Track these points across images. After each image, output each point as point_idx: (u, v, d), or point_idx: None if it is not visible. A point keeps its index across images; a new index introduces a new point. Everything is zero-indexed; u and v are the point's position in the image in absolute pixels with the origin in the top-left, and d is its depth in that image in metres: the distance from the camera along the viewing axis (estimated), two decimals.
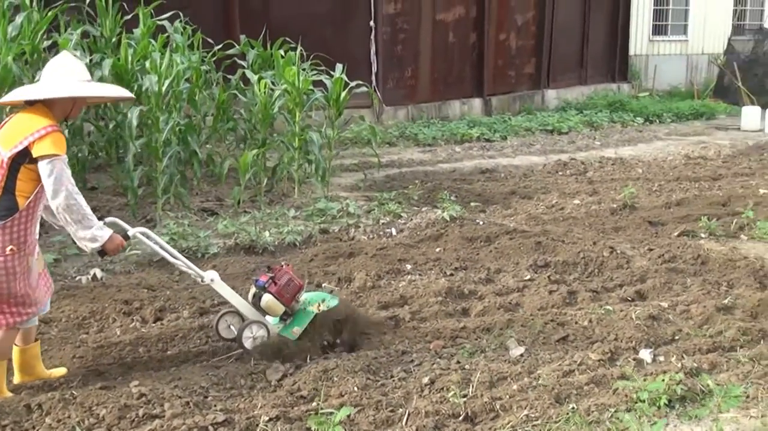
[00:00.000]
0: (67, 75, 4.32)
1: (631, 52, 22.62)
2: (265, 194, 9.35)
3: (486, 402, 4.22)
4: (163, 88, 8.34)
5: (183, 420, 3.97)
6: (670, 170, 12.11)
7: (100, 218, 4.34)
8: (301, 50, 9.72)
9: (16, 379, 4.60)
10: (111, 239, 4.25)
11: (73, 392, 4.27)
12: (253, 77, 9.46)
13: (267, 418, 4.03)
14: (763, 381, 4.53)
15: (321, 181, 9.48)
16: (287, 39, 10.65)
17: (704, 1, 24.31)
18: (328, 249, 7.33)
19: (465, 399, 4.27)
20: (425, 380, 4.52)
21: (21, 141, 4.05)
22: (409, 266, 6.83)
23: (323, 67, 10.23)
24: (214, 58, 10.34)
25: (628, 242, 7.61)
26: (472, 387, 4.42)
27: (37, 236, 4.37)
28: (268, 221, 8.12)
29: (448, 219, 8.36)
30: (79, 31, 9.27)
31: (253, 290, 5.05)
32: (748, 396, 4.30)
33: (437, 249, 7.43)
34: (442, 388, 4.42)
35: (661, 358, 4.92)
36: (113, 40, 9.72)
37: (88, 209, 4.18)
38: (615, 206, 9.25)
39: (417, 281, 6.49)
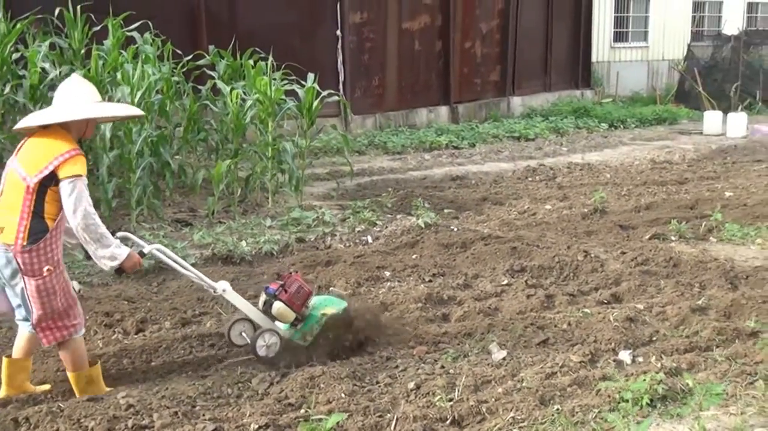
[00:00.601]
0: (80, 97, 4.43)
1: (594, 58, 22.93)
2: (239, 204, 9.34)
3: (472, 406, 4.28)
4: (136, 100, 8.30)
5: (173, 430, 3.98)
6: (638, 174, 12.32)
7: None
8: (271, 60, 9.73)
9: (2, 393, 4.59)
10: (129, 256, 4.34)
11: (60, 405, 4.26)
12: (225, 88, 9.45)
13: (256, 426, 4.05)
14: (740, 379, 4.64)
15: (294, 190, 9.49)
16: (256, 49, 10.66)
17: (664, 8, 24.75)
18: (306, 258, 7.36)
19: (451, 403, 4.32)
20: (411, 385, 4.57)
21: (47, 166, 4.16)
22: (387, 274, 6.88)
23: (293, 77, 10.25)
24: (184, 69, 10.31)
25: (601, 246, 7.74)
26: (458, 391, 4.48)
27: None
28: (244, 231, 8.12)
29: (423, 226, 8.43)
30: (47, 43, 9.21)
31: (263, 297, 5.11)
32: (727, 394, 4.40)
33: (414, 256, 7.49)
34: (428, 393, 4.47)
35: (640, 359, 5.02)
36: (82, 51, 9.66)
37: (104, 229, 4.27)
38: (586, 210, 9.39)
39: (396, 288, 6.54)
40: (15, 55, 8.90)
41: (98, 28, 9.72)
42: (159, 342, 5.31)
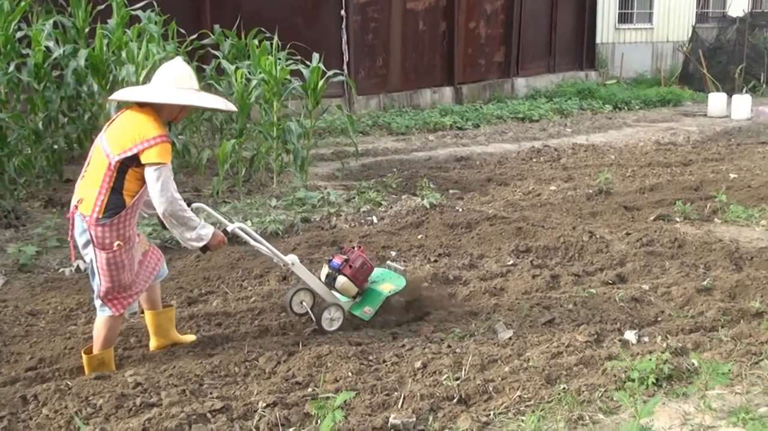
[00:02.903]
0: (179, 82, 4.45)
1: (598, 40, 22.82)
2: (244, 184, 9.35)
3: (479, 385, 4.29)
4: (141, 79, 8.29)
5: (181, 407, 3.99)
6: (642, 155, 12.30)
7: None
8: (276, 40, 9.70)
9: (152, 345, 4.84)
10: (214, 236, 4.46)
11: (68, 382, 4.28)
12: (230, 67, 9.43)
13: (264, 404, 4.06)
14: (745, 359, 4.66)
15: (299, 170, 9.49)
16: (261, 29, 10.62)
17: None
18: (311, 238, 7.36)
19: (458, 381, 4.34)
20: (418, 364, 4.58)
21: (131, 148, 4.21)
22: (393, 254, 6.89)
23: (298, 57, 10.22)
24: (188, 49, 10.28)
25: (606, 227, 7.74)
26: (464, 370, 4.49)
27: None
28: (249, 211, 8.13)
29: (428, 206, 8.43)
30: (50, 21, 9.20)
31: (326, 270, 5.30)
32: (732, 374, 4.41)
33: (419, 236, 7.49)
34: (435, 371, 4.49)
35: (646, 339, 5.03)
36: (86, 30, 9.64)
37: (190, 212, 4.39)
38: (590, 191, 9.39)
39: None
40: (19, 34, 8.89)
41: (102, 6, 9.71)
42: None
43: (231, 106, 4.91)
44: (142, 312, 4.95)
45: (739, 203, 8.52)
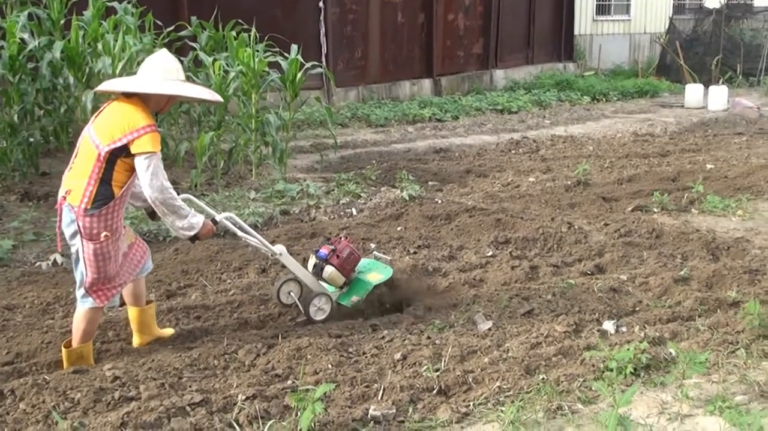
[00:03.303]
0: (166, 73, 4.47)
1: (576, 32, 22.90)
2: (222, 176, 9.30)
3: (458, 376, 4.31)
4: (117, 71, 8.21)
5: (160, 401, 3.98)
6: (620, 147, 12.36)
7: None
8: (254, 32, 9.65)
9: (135, 342, 4.81)
10: (204, 225, 4.51)
11: (46, 377, 4.24)
12: (207, 59, 9.37)
13: (244, 397, 4.05)
14: (722, 348, 4.71)
15: (278, 163, 9.45)
16: (239, 20, 10.56)
17: None
18: (291, 230, 7.35)
19: (438, 373, 4.34)
20: (397, 356, 4.59)
21: (120, 138, 4.21)
22: (372, 245, 6.88)
23: (276, 49, 10.17)
24: (165, 40, 10.20)
25: (585, 218, 7.78)
26: (444, 361, 4.50)
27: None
28: (228, 204, 8.09)
29: (407, 198, 8.43)
30: (25, 13, 9.09)
31: (313, 260, 5.33)
32: (709, 363, 4.45)
33: (399, 228, 7.50)
34: (415, 363, 4.49)
35: (624, 329, 5.07)
36: (61, 22, 9.54)
37: (180, 201, 4.40)
38: (569, 182, 9.42)
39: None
40: None
41: None
42: None
43: (217, 97, 4.92)
44: (122, 305, 4.93)
45: (715, 194, 8.59)
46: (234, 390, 4.17)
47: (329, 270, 5.26)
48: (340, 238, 5.50)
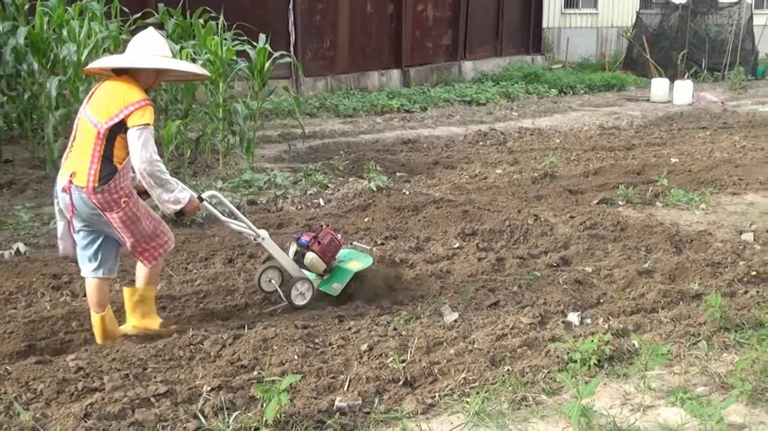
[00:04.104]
0: (154, 49, 4.56)
1: (545, 24, 23.02)
2: (189, 165, 9.23)
3: (424, 367, 4.32)
4: (83, 58, 8.10)
5: (124, 392, 3.94)
6: (586, 140, 12.46)
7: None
8: (222, 20, 9.57)
9: (99, 343, 4.71)
10: (190, 200, 4.56)
11: (8, 368, 4.19)
12: (175, 47, 9.25)
13: (209, 388, 4.03)
14: (684, 339, 4.77)
15: (246, 152, 9.40)
16: (207, 8, 10.47)
17: None
18: (257, 220, 7.30)
19: (404, 364, 4.35)
20: (364, 347, 4.59)
21: (117, 114, 4.31)
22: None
23: (245, 37, 10.10)
24: (132, 27, 10.07)
25: (551, 210, 7.83)
26: (410, 352, 4.51)
27: None
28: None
29: (374, 189, 8.44)
30: None
31: (294, 247, 5.38)
32: (671, 355, 4.51)
33: (366, 219, 7.50)
34: (381, 354, 4.50)
35: (588, 320, 5.11)
36: (25, 7, 9.39)
37: (168, 175, 4.46)
38: (536, 175, 9.49)
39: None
40: None
41: None
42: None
43: (205, 72, 5.04)
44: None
45: (679, 187, 8.69)
46: (199, 381, 4.15)
47: (310, 257, 5.31)
48: (321, 226, 5.55)
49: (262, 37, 9.68)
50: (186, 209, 4.53)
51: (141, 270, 4.72)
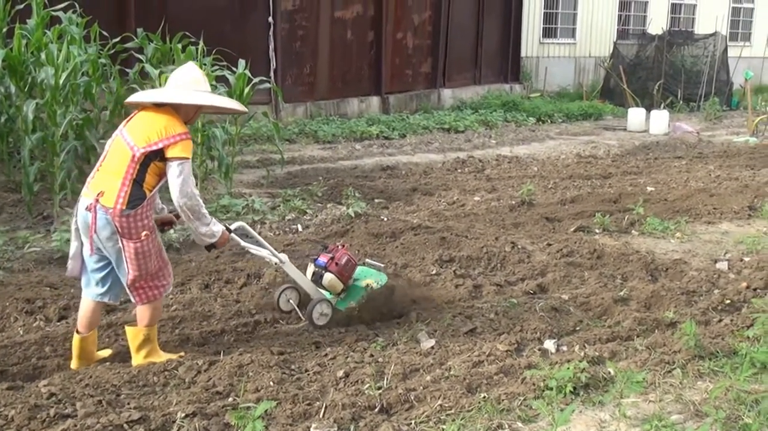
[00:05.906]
0: (195, 84, 4.68)
1: (523, 53, 23.23)
2: (166, 190, 9.17)
3: (401, 394, 4.32)
4: (60, 81, 8.08)
5: (96, 419, 3.90)
6: (564, 168, 12.55)
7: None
8: (202, 45, 9.58)
9: (73, 365, 4.67)
10: (222, 234, 4.75)
11: None
12: (154, 71, 9.26)
13: (183, 415, 4.01)
14: (659, 367, 4.80)
15: (224, 177, 9.39)
16: (186, 33, 10.48)
17: (591, 6, 25.21)
18: (235, 245, 7.26)
19: (380, 391, 4.35)
20: (340, 373, 4.59)
21: (157, 141, 4.38)
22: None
23: (224, 63, 10.12)
24: (111, 52, 10.06)
25: (528, 238, 7.87)
26: (387, 379, 4.51)
27: None
28: None
29: (353, 215, 8.45)
30: None
31: (311, 268, 5.50)
32: (646, 382, 4.53)
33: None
34: (357, 381, 4.49)
35: (565, 348, 5.14)
36: (3, 30, 9.35)
37: (205, 209, 4.63)
38: (513, 202, 9.54)
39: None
40: None
41: (21, 6, 9.43)
42: None
43: (242, 108, 5.17)
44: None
45: (655, 216, 8.77)
46: (173, 407, 4.12)
47: (329, 277, 5.46)
48: (337, 246, 5.68)
49: (241, 62, 9.70)
50: (218, 243, 4.72)
51: (142, 311, 4.70)
